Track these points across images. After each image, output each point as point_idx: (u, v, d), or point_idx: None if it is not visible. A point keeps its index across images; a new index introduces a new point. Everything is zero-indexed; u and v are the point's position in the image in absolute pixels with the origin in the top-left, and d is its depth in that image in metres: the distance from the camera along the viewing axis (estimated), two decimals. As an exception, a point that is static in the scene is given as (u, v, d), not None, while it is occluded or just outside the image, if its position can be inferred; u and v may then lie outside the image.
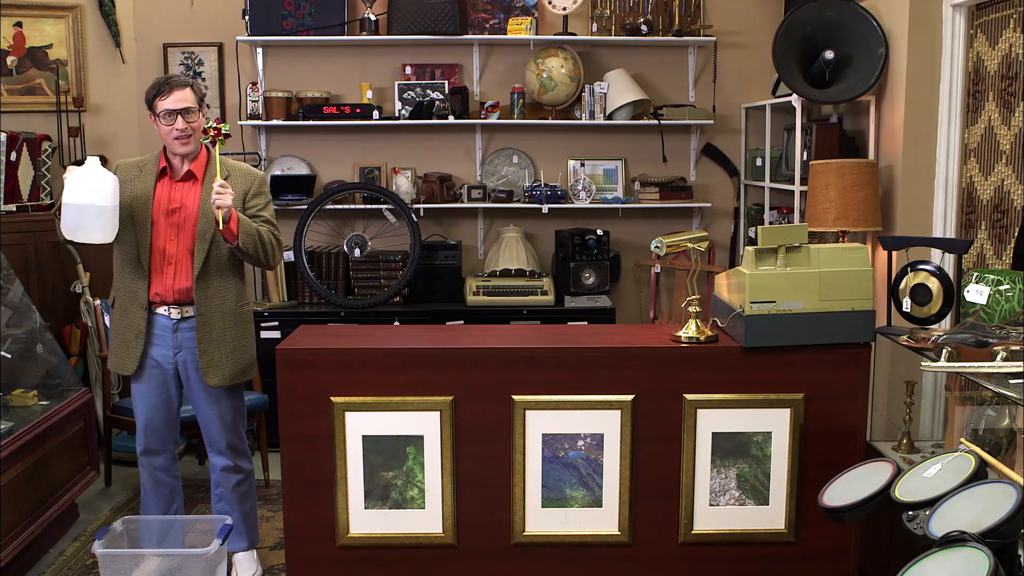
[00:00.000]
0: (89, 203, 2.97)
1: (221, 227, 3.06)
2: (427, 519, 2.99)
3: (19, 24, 4.97)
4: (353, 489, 2.97)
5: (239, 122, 5.08)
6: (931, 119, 4.06)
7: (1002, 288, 2.84)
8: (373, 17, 4.95)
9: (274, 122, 5.02)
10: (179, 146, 3.14)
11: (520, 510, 2.99)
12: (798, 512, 2.94)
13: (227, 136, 3.12)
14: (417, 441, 2.96)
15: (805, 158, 4.40)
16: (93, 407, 4.07)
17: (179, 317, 3.22)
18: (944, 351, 2.70)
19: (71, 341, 4.69)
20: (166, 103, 3.08)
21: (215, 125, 3.08)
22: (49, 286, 4.51)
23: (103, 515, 4.06)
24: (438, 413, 2.94)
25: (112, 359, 3.31)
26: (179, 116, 3.10)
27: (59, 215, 3.11)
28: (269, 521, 3.94)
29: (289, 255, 4.85)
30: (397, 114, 5.10)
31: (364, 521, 2.99)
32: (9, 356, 3.72)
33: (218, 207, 3.02)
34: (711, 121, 5.17)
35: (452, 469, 2.96)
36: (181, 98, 3.10)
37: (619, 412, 2.94)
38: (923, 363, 2.78)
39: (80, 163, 3.19)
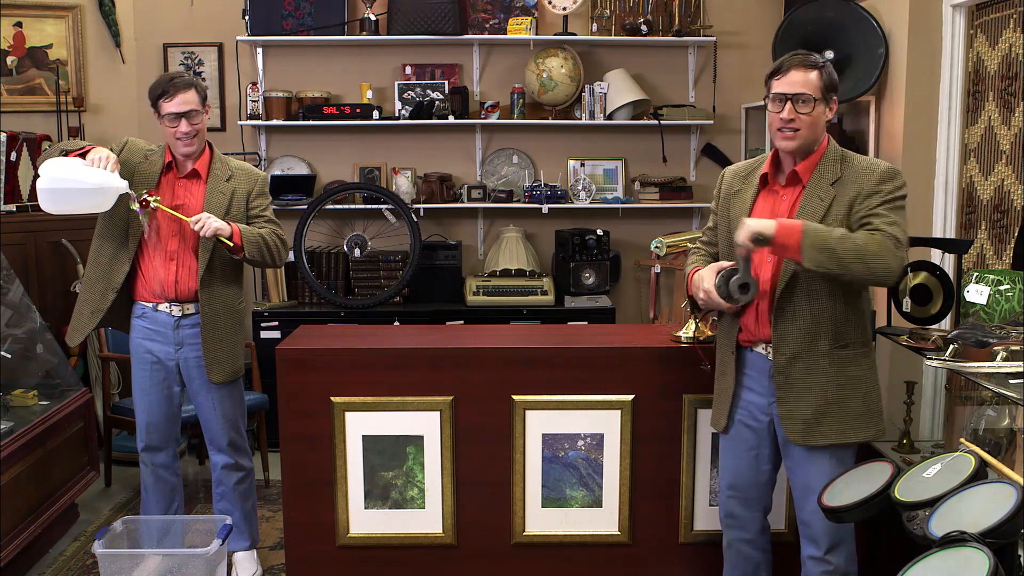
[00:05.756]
0: (60, 187, 2.97)
1: (231, 245, 3.08)
2: (427, 519, 2.99)
3: (19, 24, 4.96)
4: (353, 489, 2.97)
5: (239, 122, 5.08)
6: (931, 119, 4.06)
7: (1002, 288, 2.84)
8: (373, 17, 4.95)
9: (274, 122, 5.02)
10: (183, 147, 3.15)
11: (520, 510, 2.99)
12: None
13: (155, 209, 3.10)
14: (417, 441, 2.96)
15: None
16: (93, 407, 4.07)
17: (180, 314, 3.23)
18: (951, 347, 2.71)
19: (71, 341, 4.69)
20: (170, 106, 3.09)
21: (146, 197, 3.07)
22: (49, 286, 4.50)
23: (103, 515, 4.06)
24: (438, 413, 2.94)
25: (69, 331, 3.32)
26: (183, 119, 3.10)
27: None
28: (269, 521, 3.94)
29: (289, 255, 4.86)
30: (397, 114, 5.10)
31: (364, 521, 2.99)
32: (9, 356, 3.71)
33: (213, 235, 3.05)
34: (711, 121, 5.17)
35: (452, 469, 2.96)
36: (185, 100, 3.09)
37: (619, 412, 2.94)
38: (928, 356, 2.78)
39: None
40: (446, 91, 5.12)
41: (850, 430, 2.44)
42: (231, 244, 3.09)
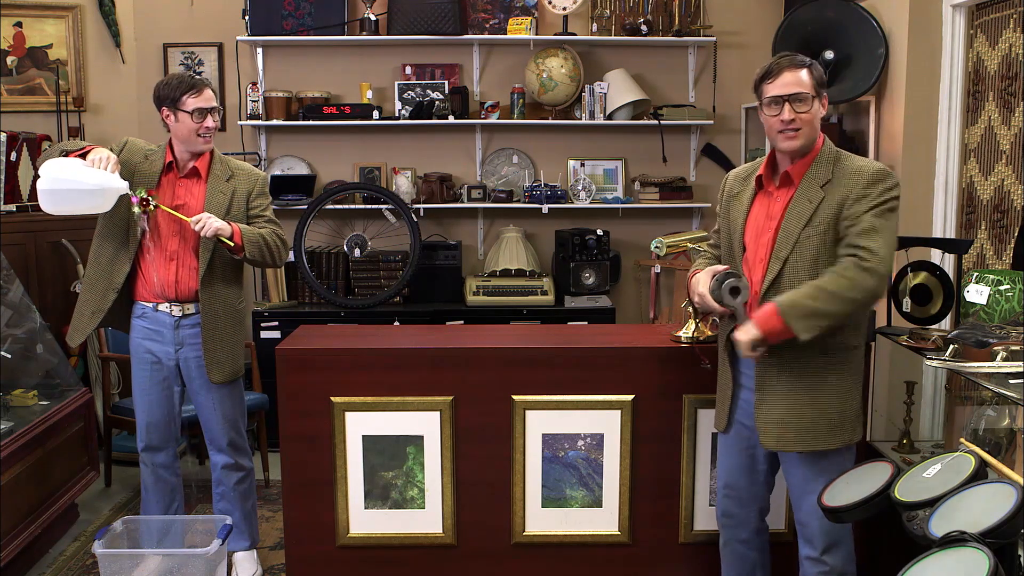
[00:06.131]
0: (61, 188, 2.98)
1: (232, 245, 3.09)
2: (427, 519, 2.99)
3: (19, 24, 4.97)
4: (353, 489, 2.97)
5: (239, 122, 5.08)
6: (931, 119, 4.06)
7: (1002, 288, 2.84)
8: (373, 17, 4.95)
9: (274, 122, 5.02)
10: (203, 143, 3.18)
11: (520, 510, 2.99)
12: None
13: (155, 209, 3.12)
14: (417, 441, 2.96)
15: (805, 158, 4.39)
16: (93, 407, 4.07)
17: (180, 314, 3.23)
18: (951, 347, 2.71)
19: (71, 341, 4.68)
20: (198, 101, 3.12)
21: (146, 197, 3.08)
22: (49, 286, 4.50)
23: (103, 515, 4.06)
24: (438, 413, 2.94)
25: (69, 331, 3.32)
26: (208, 115, 3.15)
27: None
28: (269, 521, 3.94)
29: (289, 255, 4.86)
30: (397, 114, 5.10)
31: (364, 521, 2.99)
32: (9, 356, 3.71)
33: (214, 235, 3.05)
34: (711, 121, 5.17)
35: (452, 469, 2.96)
36: (210, 97, 3.17)
37: (619, 412, 2.94)
38: (928, 356, 2.78)
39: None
40: (446, 91, 5.12)
41: (821, 437, 2.43)
42: (231, 244, 3.09)
